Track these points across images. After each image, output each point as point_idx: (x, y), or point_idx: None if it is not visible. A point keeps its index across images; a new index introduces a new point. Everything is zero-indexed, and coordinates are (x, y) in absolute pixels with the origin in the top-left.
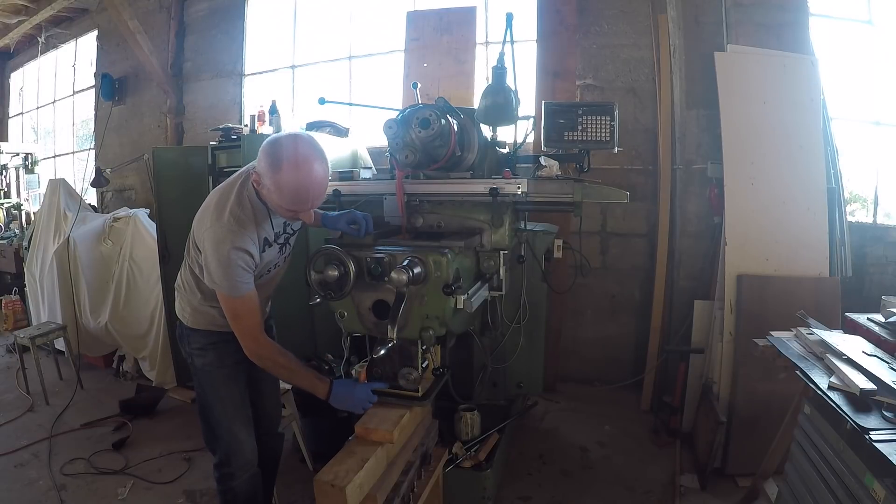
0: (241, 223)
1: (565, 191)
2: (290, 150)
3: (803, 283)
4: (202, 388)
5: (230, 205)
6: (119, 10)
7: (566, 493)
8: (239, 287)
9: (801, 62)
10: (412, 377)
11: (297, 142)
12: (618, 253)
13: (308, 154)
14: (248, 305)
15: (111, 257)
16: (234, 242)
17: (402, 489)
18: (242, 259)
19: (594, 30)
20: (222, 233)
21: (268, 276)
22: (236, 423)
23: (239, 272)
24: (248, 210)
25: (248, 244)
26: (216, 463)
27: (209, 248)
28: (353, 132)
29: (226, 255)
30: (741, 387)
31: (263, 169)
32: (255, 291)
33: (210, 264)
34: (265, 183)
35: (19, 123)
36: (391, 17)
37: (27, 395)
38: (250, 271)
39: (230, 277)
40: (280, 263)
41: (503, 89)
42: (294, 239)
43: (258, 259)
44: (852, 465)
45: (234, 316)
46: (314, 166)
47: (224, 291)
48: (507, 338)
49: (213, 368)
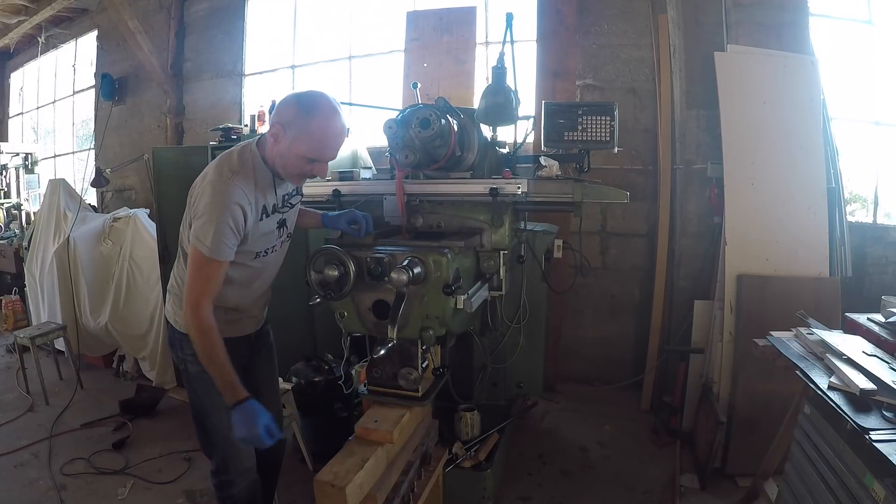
0: (242, 178)
1: (565, 191)
2: (323, 98)
3: (803, 283)
4: (197, 394)
5: (233, 164)
6: (119, 10)
7: (566, 493)
8: (219, 248)
9: (801, 62)
10: (412, 377)
11: (324, 93)
12: (618, 253)
13: (336, 103)
14: (216, 272)
15: (111, 257)
16: (232, 196)
17: (402, 489)
18: (234, 217)
19: (594, 30)
20: (221, 185)
21: (263, 261)
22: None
23: (226, 231)
24: (249, 170)
25: (244, 200)
26: (213, 469)
27: (204, 199)
28: (353, 132)
29: (220, 207)
30: (741, 387)
31: (291, 117)
32: (227, 265)
33: (201, 216)
34: (289, 134)
35: (19, 123)
36: (391, 17)
37: (27, 395)
38: (237, 236)
39: (216, 234)
40: (277, 247)
41: (503, 89)
42: (293, 222)
43: (251, 221)
44: (852, 465)
45: (196, 273)
46: (341, 115)
47: (203, 249)
48: (507, 338)
49: (208, 375)
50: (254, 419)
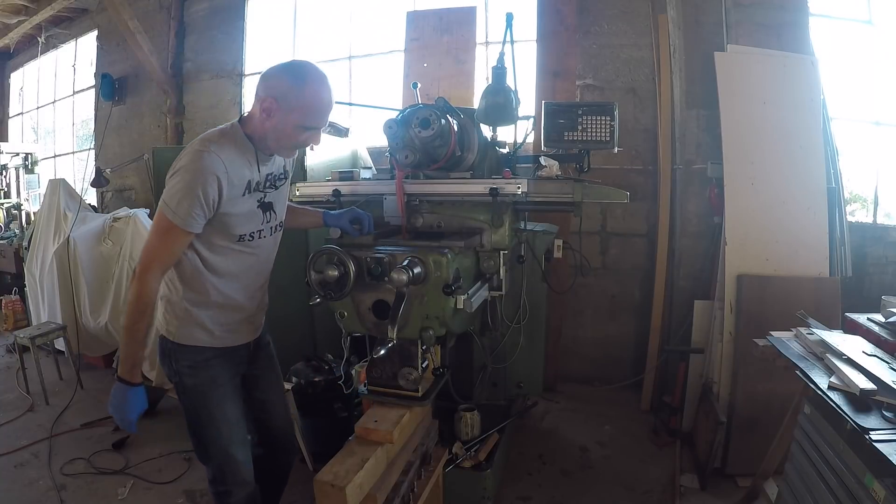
0: (222, 149)
1: (565, 191)
2: (310, 65)
3: (803, 283)
4: (194, 408)
5: (213, 137)
6: (119, 10)
7: (566, 493)
8: (185, 217)
9: (801, 62)
10: (412, 377)
11: (307, 61)
12: (618, 253)
13: (322, 71)
14: (176, 241)
15: (111, 257)
16: (209, 166)
17: (402, 489)
18: (207, 189)
19: (594, 30)
20: (199, 154)
21: (251, 248)
22: (232, 444)
23: (196, 202)
24: (231, 144)
25: (221, 171)
26: (210, 479)
27: (181, 162)
28: (353, 132)
29: (194, 176)
30: (741, 387)
31: (284, 89)
32: (190, 237)
33: (173, 177)
34: (284, 105)
35: (19, 123)
36: (391, 17)
37: (27, 395)
38: (207, 210)
39: (186, 202)
40: (266, 234)
41: (503, 89)
42: (282, 210)
43: (229, 194)
44: (852, 465)
45: (155, 237)
46: (329, 82)
47: (168, 213)
48: (507, 338)
49: (206, 389)
50: (133, 406)
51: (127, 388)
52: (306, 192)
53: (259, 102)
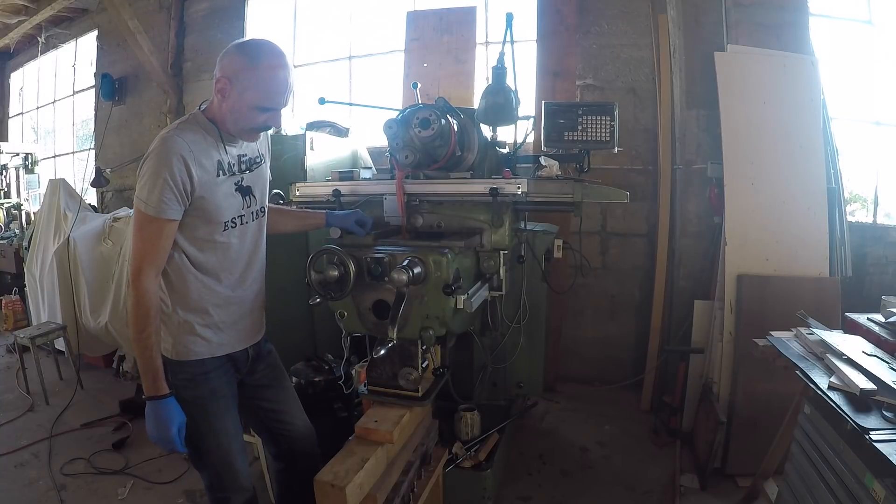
0: (184, 131)
1: (565, 191)
2: (267, 44)
3: (803, 283)
4: (193, 421)
5: (174, 125)
6: (119, 10)
7: (566, 493)
8: (160, 205)
9: (801, 62)
10: (412, 377)
11: (266, 40)
12: (618, 253)
13: (280, 49)
14: (160, 233)
15: (111, 257)
16: (172, 148)
17: (402, 489)
18: (175, 173)
19: (594, 30)
20: (161, 140)
21: (237, 235)
22: (231, 453)
23: (167, 188)
24: (193, 125)
25: (186, 151)
26: (207, 485)
27: (146, 159)
28: (353, 132)
29: (161, 162)
30: (741, 387)
31: (237, 68)
32: (175, 224)
33: (143, 171)
34: (237, 86)
35: (19, 123)
36: (391, 17)
37: (27, 395)
38: (181, 196)
39: (154, 189)
40: (249, 220)
41: (503, 89)
42: (263, 195)
43: (201, 176)
44: (852, 465)
45: (138, 235)
46: (286, 60)
47: (142, 206)
48: (507, 338)
49: (205, 402)
50: (168, 420)
51: (157, 403)
52: (306, 192)
53: (215, 82)
